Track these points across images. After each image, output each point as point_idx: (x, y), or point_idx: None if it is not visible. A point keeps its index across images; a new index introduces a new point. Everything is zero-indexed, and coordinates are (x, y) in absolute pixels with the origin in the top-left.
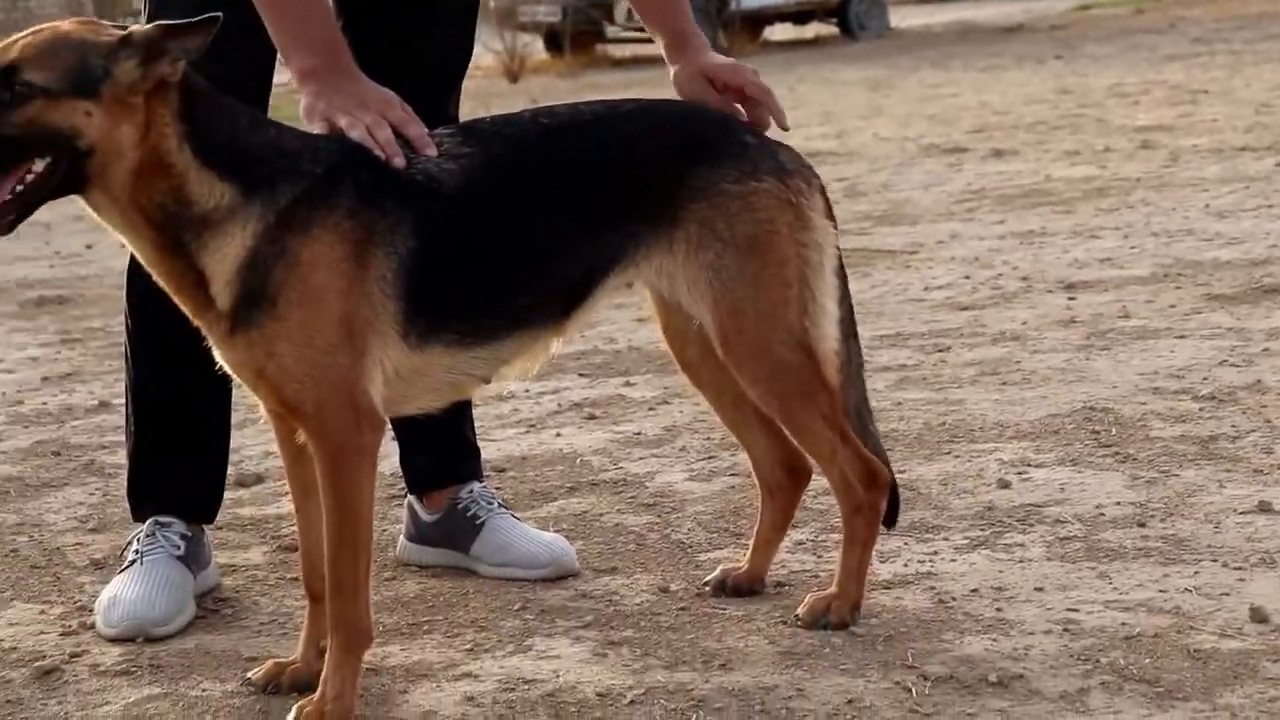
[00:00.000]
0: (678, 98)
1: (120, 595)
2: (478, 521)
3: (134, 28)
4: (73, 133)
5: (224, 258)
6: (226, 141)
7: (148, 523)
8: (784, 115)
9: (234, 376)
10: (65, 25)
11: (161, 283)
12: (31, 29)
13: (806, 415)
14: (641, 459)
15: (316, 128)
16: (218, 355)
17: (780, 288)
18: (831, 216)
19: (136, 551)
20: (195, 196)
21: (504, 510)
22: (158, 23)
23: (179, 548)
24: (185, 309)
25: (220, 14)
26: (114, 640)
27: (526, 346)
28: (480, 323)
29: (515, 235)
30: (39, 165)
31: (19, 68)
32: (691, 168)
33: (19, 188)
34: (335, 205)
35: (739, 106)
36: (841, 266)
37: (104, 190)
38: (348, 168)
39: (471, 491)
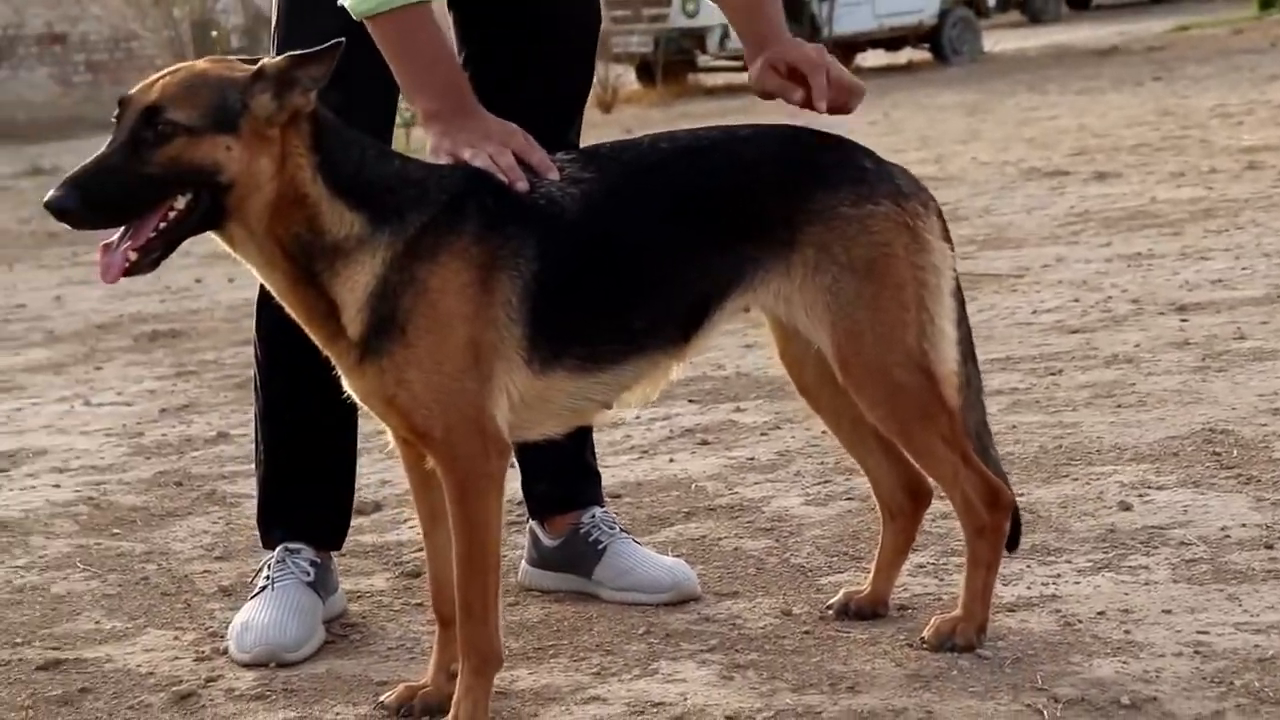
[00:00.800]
0: (784, 122)
1: (252, 621)
2: (599, 546)
3: (265, 61)
4: (215, 168)
5: (355, 286)
6: (354, 172)
7: (278, 549)
8: (824, 93)
9: (362, 405)
10: (201, 64)
11: (292, 313)
12: (168, 69)
13: (927, 438)
14: (756, 484)
15: (442, 162)
16: (346, 384)
17: (898, 310)
18: (948, 238)
19: (267, 578)
20: (327, 226)
21: (625, 535)
22: (287, 54)
23: (309, 574)
24: (315, 339)
25: (343, 40)
26: (247, 665)
27: (646, 371)
28: (601, 347)
29: (634, 259)
30: (180, 202)
31: (162, 108)
32: (809, 192)
33: (162, 225)
34: (462, 231)
35: (800, 89)
36: (959, 288)
37: (242, 224)
38: (473, 194)
39: (593, 516)
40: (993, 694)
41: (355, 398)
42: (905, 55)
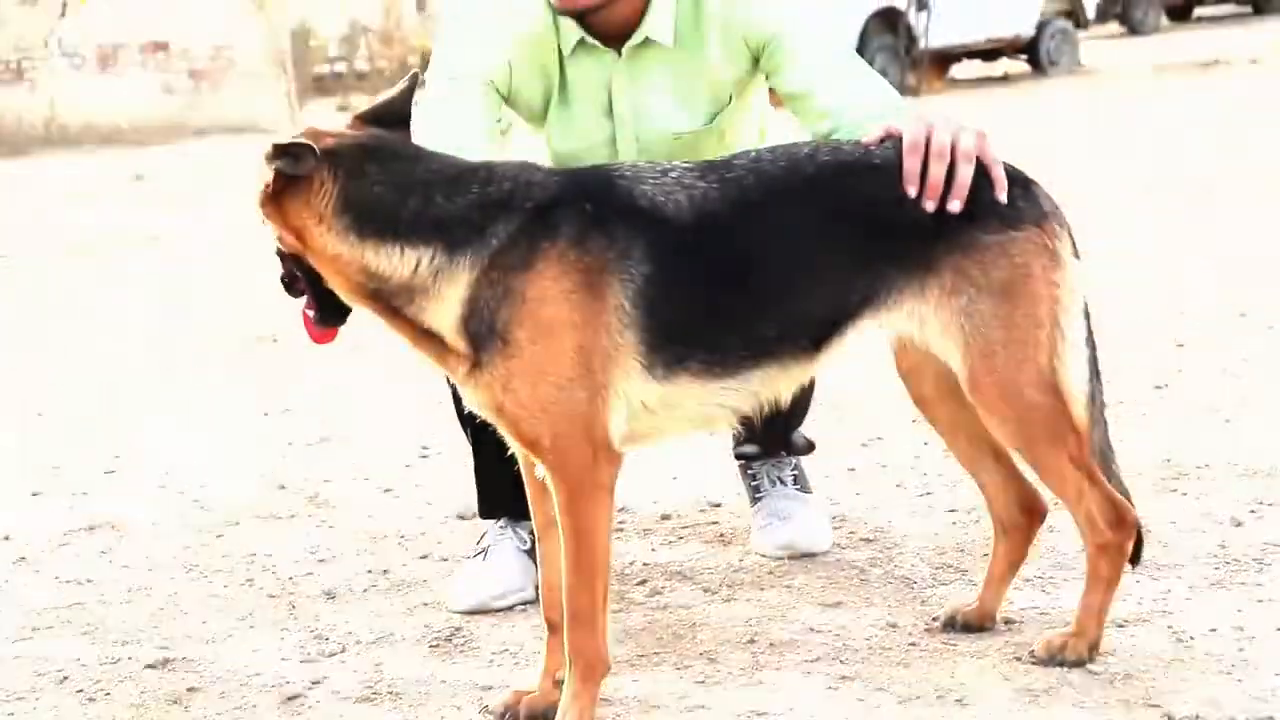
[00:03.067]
0: None
1: (466, 576)
2: (758, 494)
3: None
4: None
5: (443, 316)
6: (417, 212)
7: (500, 520)
8: (913, 180)
9: (479, 414)
10: None
11: (399, 338)
12: None
13: (1054, 457)
14: (857, 495)
15: None
16: (464, 396)
17: (1032, 329)
18: (1078, 254)
19: (488, 543)
20: (387, 273)
21: (785, 487)
22: (273, 142)
23: (525, 542)
24: (428, 361)
25: (311, 144)
26: (463, 613)
27: (775, 379)
28: (727, 354)
29: (762, 267)
30: None
31: None
32: (959, 226)
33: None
34: (555, 238)
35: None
36: (1087, 306)
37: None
38: (565, 200)
39: (763, 463)
40: (1104, 710)
41: (473, 409)
42: (1002, 66)
